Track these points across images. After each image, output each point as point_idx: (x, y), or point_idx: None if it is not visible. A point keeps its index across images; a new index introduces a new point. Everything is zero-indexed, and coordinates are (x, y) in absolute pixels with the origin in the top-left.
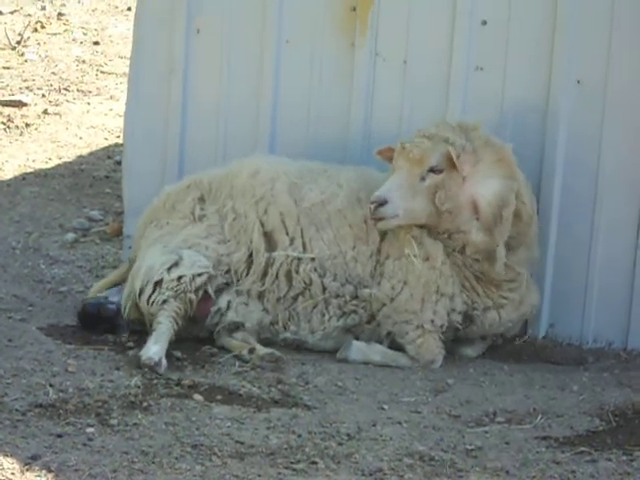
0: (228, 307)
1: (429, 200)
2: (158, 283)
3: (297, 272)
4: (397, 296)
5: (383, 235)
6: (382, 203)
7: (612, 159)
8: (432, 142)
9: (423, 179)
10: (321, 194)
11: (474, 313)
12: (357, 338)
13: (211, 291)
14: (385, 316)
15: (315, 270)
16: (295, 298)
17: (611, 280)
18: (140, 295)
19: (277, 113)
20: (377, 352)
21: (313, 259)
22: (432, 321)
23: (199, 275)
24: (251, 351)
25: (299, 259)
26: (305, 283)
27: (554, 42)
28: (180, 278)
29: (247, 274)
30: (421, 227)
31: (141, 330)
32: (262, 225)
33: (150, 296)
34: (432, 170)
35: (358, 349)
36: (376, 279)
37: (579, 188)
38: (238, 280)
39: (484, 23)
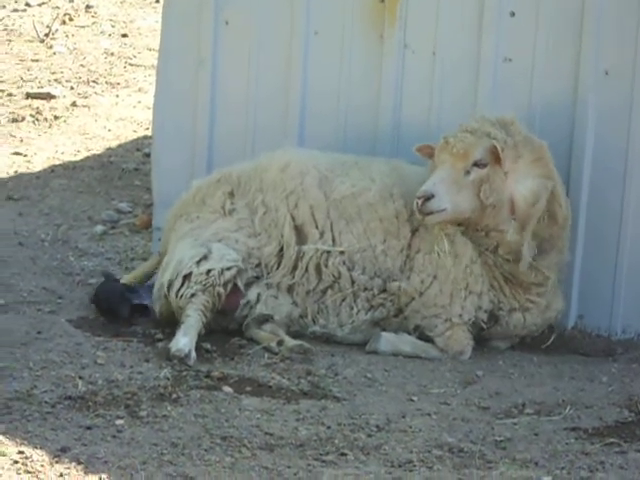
0: (257, 300)
1: (474, 194)
2: (187, 276)
3: (326, 265)
4: (426, 290)
5: (414, 230)
6: (429, 197)
7: None
8: (475, 136)
9: (468, 173)
10: (352, 187)
11: (500, 313)
12: (384, 331)
13: (240, 284)
14: (414, 310)
15: (344, 263)
16: (324, 291)
17: None
18: (169, 288)
19: (306, 105)
20: (407, 343)
21: (342, 252)
22: (460, 315)
23: (228, 269)
24: (280, 343)
25: (328, 252)
26: (334, 276)
27: (582, 33)
28: (209, 272)
29: (277, 267)
30: (458, 225)
31: (171, 323)
32: (293, 219)
33: (179, 289)
34: (476, 164)
35: (387, 340)
36: (405, 273)
37: (608, 180)
38: (268, 273)
39: (512, 14)
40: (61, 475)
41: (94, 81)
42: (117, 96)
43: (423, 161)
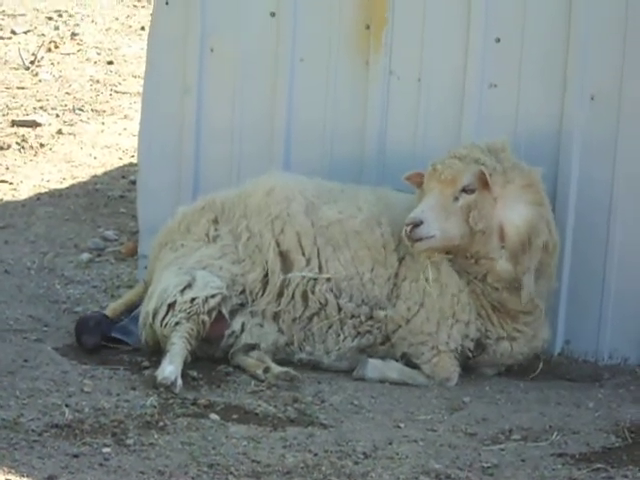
0: (242, 329)
1: (463, 220)
2: (171, 305)
3: (313, 292)
4: (413, 318)
5: (401, 259)
6: (417, 224)
7: (626, 174)
8: (463, 163)
9: (456, 199)
10: (339, 213)
11: (487, 342)
12: (371, 358)
13: (225, 312)
14: (400, 338)
15: (331, 290)
16: (310, 318)
17: (627, 297)
18: (154, 317)
19: (291, 131)
20: (393, 369)
21: (329, 279)
22: (447, 343)
23: (212, 296)
24: (266, 370)
25: (315, 279)
26: (321, 303)
27: (567, 59)
28: (193, 300)
29: (262, 294)
30: (447, 253)
31: (157, 351)
32: (277, 245)
33: (164, 318)
34: (464, 190)
35: (374, 367)
36: (392, 301)
37: (593, 204)
38: (253, 300)
39: (498, 40)
40: None
41: (80, 109)
42: (103, 123)
43: (409, 188)
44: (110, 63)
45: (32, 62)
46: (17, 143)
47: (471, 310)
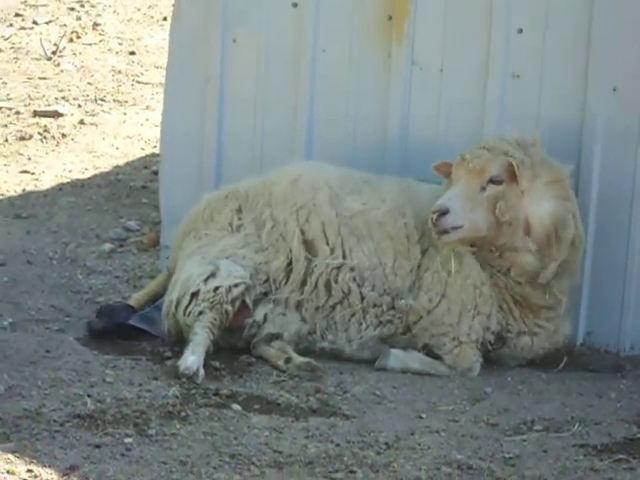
0: (265, 319)
1: (489, 211)
2: (195, 294)
3: (336, 281)
4: (434, 309)
5: (424, 251)
6: (444, 212)
7: None
8: (492, 153)
9: (483, 189)
10: (363, 204)
11: (508, 335)
12: (392, 348)
13: (249, 301)
14: (422, 329)
15: (354, 279)
16: (333, 307)
17: None
18: (177, 307)
19: (314, 122)
20: (415, 359)
21: (352, 269)
22: (468, 334)
23: (235, 286)
24: (287, 360)
25: (338, 268)
26: (344, 292)
27: (590, 50)
28: (216, 289)
29: (286, 283)
30: (472, 245)
31: (180, 341)
32: (302, 233)
33: (187, 307)
34: (492, 181)
35: (396, 357)
36: (414, 292)
37: (616, 194)
38: (276, 289)
39: (520, 31)
40: None
41: (102, 99)
42: (125, 114)
43: (433, 179)
44: (132, 53)
45: (54, 52)
46: (39, 133)
47: (493, 303)
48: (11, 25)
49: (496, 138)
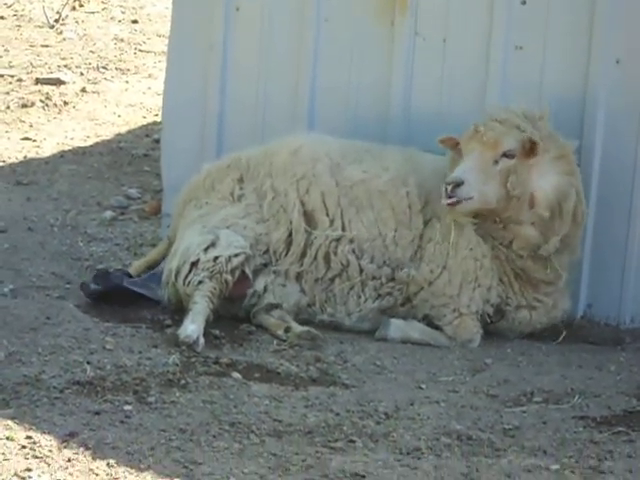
0: (265, 289)
1: (501, 184)
2: (194, 264)
3: (335, 253)
4: (435, 280)
5: (427, 221)
6: (459, 184)
7: None
8: (505, 127)
9: (496, 163)
10: (363, 173)
11: (506, 309)
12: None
13: (248, 271)
14: (422, 300)
15: (353, 252)
16: (332, 279)
17: None
18: (177, 275)
19: (316, 91)
20: (416, 329)
21: (352, 241)
22: (468, 306)
23: (235, 256)
24: (287, 330)
25: (337, 240)
26: (343, 264)
27: (593, 22)
28: (216, 259)
29: (286, 254)
30: (474, 217)
31: (180, 309)
32: (302, 204)
33: (186, 276)
34: (505, 155)
35: (397, 327)
36: (415, 262)
37: (618, 167)
38: (277, 260)
39: (523, 3)
40: (69, 460)
41: (104, 67)
42: (127, 82)
43: (437, 150)
44: (135, 22)
45: (56, 20)
46: (41, 101)
47: (493, 276)
48: None
49: (505, 109)
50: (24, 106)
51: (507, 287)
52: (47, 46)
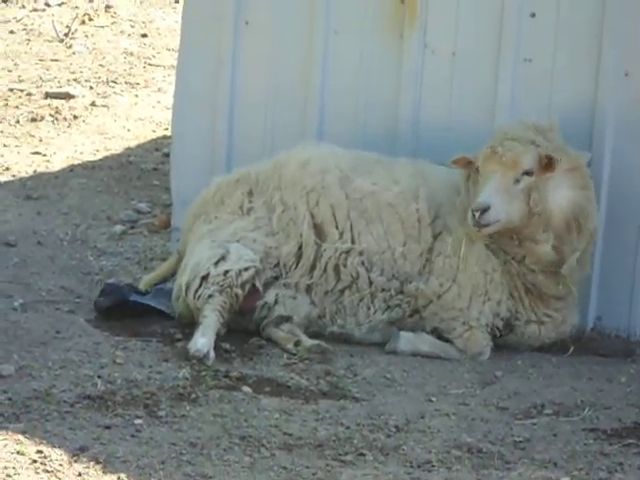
0: (276, 301)
1: (524, 203)
2: (205, 278)
3: (345, 266)
4: (444, 293)
5: (437, 235)
6: (486, 209)
7: None
8: (521, 144)
9: (517, 182)
10: (373, 185)
11: (516, 323)
12: (400, 330)
13: (259, 285)
14: (432, 313)
15: (362, 264)
16: (342, 291)
17: None
18: (187, 290)
19: (325, 104)
20: (425, 342)
21: (361, 253)
22: (478, 319)
23: (246, 269)
24: (297, 343)
25: (347, 252)
26: (352, 277)
27: (602, 35)
28: (226, 272)
29: (296, 267)
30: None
31: (190, 323)
32: (312, 217)
33: (197, 290)
34: (526, 173)
35: (407, 340)
36: (424, 276)
37: (627, 178)
38: (287, 273)
39: (533, 15)
40: (80, 474)
41: (113, 81)
42: (136, 96)
43: (446, 162)
44: (144, 36)
45: (66, 34)
46: (51, 115)
47: (504, 290)
48: (23, 7)
49: (517, 125)
50: (34, 120)
51: (517, 302)
52: (57, 60)
